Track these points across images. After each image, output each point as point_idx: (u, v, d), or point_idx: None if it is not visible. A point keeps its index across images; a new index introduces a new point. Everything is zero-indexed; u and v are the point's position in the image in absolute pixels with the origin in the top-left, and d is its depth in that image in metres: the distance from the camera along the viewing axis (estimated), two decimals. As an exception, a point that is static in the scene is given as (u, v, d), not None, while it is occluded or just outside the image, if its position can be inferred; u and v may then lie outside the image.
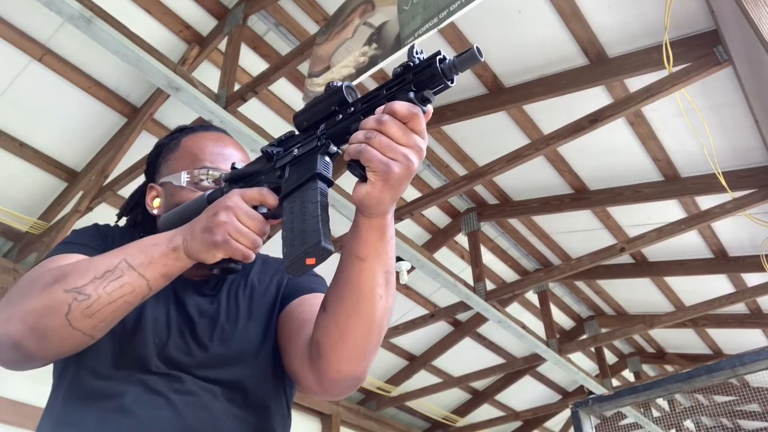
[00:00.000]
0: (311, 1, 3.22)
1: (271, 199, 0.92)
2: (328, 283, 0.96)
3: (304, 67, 3.34)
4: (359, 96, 0.89)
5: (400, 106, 0.79)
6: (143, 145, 3.35)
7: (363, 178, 0.81)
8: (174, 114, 3.52)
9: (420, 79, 0.81)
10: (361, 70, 2.20)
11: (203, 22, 3.29)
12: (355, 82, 2.23)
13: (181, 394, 0.96)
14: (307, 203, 0.86)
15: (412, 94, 0.80)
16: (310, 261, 0.83)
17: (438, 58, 0.79)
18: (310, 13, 3.25)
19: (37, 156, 3.52)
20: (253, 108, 3.31)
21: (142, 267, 0.89)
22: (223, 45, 3.19)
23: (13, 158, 3.46)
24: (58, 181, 3.67)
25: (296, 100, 3.61)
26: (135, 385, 0.95)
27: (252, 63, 3.40)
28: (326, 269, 0.91)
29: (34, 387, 0.98)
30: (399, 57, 2.11)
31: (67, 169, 3.63)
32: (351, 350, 0.91)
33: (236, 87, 3.00)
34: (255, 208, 0.92)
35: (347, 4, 2.49)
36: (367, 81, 2.66)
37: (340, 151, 0.90)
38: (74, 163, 3.63)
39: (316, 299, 1.02)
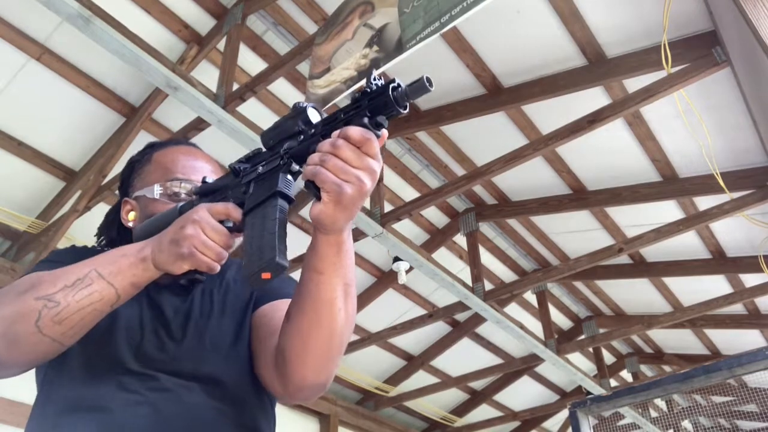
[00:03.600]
0: (310, 1, 3.21)
1: (236, 213, 0.96)
2: None
3: (302, 67, 3.34)
4: (323, 116, 0.93)
5: (354, 131, 0.82)
6: (141, 144, 3.32)
7: (319, 198, 0.84)
8: (172, 113, 3.52)
9: (375, 106, 0.84)
10: (362, 73, 2.20)
11: (202, 21, 3.29)
12: (356, 86, 2.23)
13: (158, 392, 0.98)
14: (267, 219, 0.91)
15: (366, 120, 0.84)
16: (265, 275, 0.87)
17: (392, 86, 0.83)
18: (309, 13, 3.25)
19: (36, 155, 3.51)
20: (251, 108, 3.31)
21: (111, 276, 0.92)
22: (221, 45, 3.19)
23: (11, 157, 3.46)
24: (57, 181, 3.66)
25: (294, 100, 3.60)
26: (112, 386, 0.98)
27: (251, 63, 3.40)
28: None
29: (32, 387, 0.99)
30: (402, 60, 2.11)
31: (65, 168, 3.63)
32: (314, 359, 0.95)
33: (235, 87, 2.99)
34: (221, 222, 0.95)
35: (346, 4, 2.49)
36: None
37: (302, 170, 0.93)
38: (72, 163, 3.63)
39: (286, 305, 1.05)
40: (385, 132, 0.86)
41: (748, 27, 2.15)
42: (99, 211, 3.63)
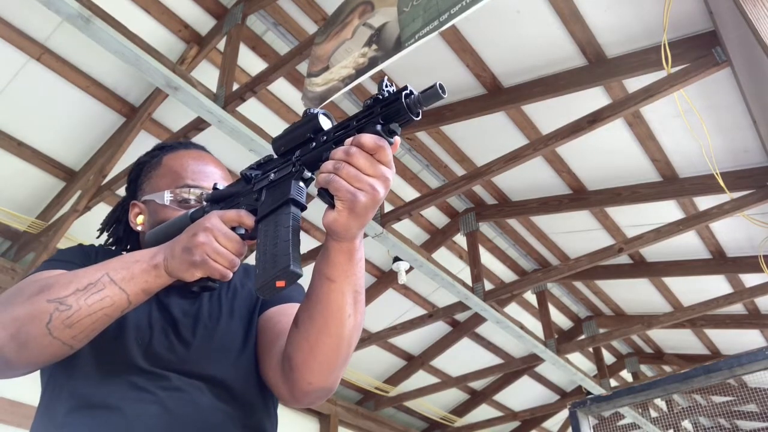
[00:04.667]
0: (310, 1, 3.21)
1: (248, 220, 0.96)
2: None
3: (303, 67, 3.34)
4: (334, 122, 0.93)
5: (367, 138, 0.82)
6: (142, 144, 3.34)
7: (332, 206, 0.84)
8: (172, 114, 3.52)
9: (387, 113, 0.84)
10: (360, 71, 2.20)
11: (202, 21, 3.29)
12: (354, 83, 2.23)
13: (168, 391, 0.98)
14: (280, 227, 0.90)
15: (379, 127, 0.84)
16: (279, 284, 0.87)
17: (404, 93, 0.82)
18: (309, 13, 3.25)
19: (36, 155, 3.51)
20: (251, 108, 3.31)
21: (123, 282, 0.92)
22: (222, 45, 3.19)
23: (11, 157, 3.46)
24: (57, 181, 3.66)
25: (295, 100, 3.61)
26: (122, 385, 0.98)
27: (251, 63, 3.40)
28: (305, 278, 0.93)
29: (33, 387, 1.00)
30: (403, 61, 2.11)
31: (65, 168, 3.63)
32: (321, 365, 0.95)
33: (235, 87, 2.99)
34: (233, 229, 0.95)
35: (346, 4, 2.49)
36: (367, 81, 2.66)
37: (314, 177, 0.93)
38: (72, 163, 3.63)
39: (292, 309, 1.05)
40: (398, 139, 0.86)
41: (748, 27, 2.15)
42: (99, 211, 3.63)
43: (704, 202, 3.90)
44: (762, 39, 2.11)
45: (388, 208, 3.77)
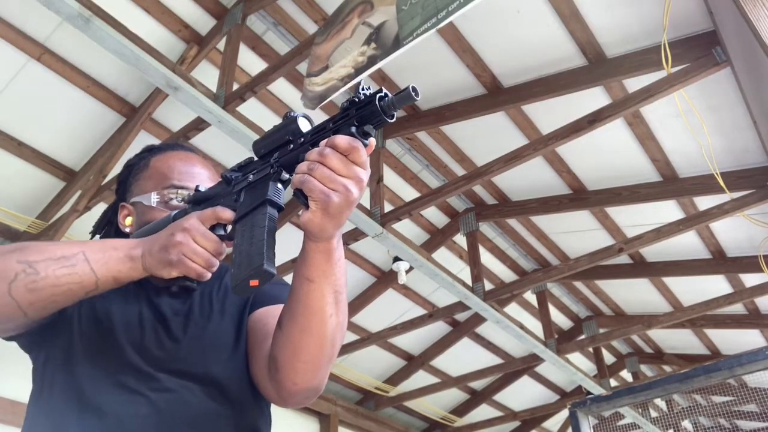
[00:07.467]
0: (310, 1, 3.21)
1: (225, 214, 0.97)
2: None
3: (302, 67, 3.34)
4: (314, 126, 0.95)
5: (341, 139, 0.84)
6: (142, 144, 3.31)
7: (307, 206, 0.85)
8: (172, 114, 3.52)
9: (362, 115, 0.85)
10: (359, 70, 2.20)
11: (202, 21, 3.29)
12: (353, 82, 2.23)
13: (159, 392, 0.99)
14: (256, 227, 0.92)
15: (354, 129, 0.86)
16: (253, 283, 0.88)
17: (378, 96, 0.84)
18: (309, 13, 3.25)
19: (36, 155, 3.51)
20: (251, 108, 3.30)
21: (96, 264, 0.93)
22: (221, 45, 3.19)
23: (11, 157, 3.46)
24: (57, 181, 3.66)
25: (295, 100, 3.60)
26: (113, 386, 0.99)
27: (251, 63, 3.40)
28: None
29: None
30: (403, 61, 2.11)
31: (65, 168, 3.63)
32: (305, 365, 0.96)
33: (235, 87, 3.00)
34: (213, 229, 0.96)
35: (346, 3, 2.49)
36: (366, 80, 2.65)
37: (292, 178, 0.94)
38: (72, 163, 3.63)
39: (280, 310, 1.06)
40: (372, 141, 0.87)
41: (748, 27, 2.15)
42: (99, 211, 3.60)
43: (704, 202, 3.90)
44: (762, 39, 2.11)
45: (388, 208, 3.77)
